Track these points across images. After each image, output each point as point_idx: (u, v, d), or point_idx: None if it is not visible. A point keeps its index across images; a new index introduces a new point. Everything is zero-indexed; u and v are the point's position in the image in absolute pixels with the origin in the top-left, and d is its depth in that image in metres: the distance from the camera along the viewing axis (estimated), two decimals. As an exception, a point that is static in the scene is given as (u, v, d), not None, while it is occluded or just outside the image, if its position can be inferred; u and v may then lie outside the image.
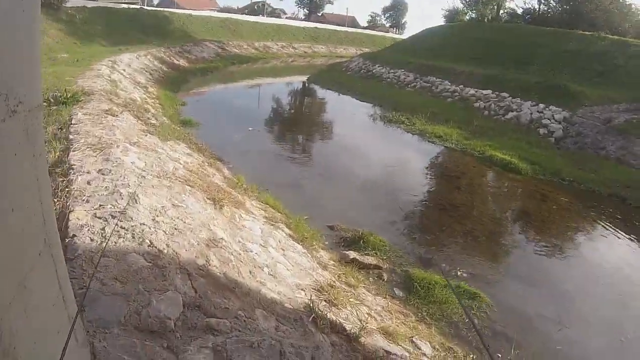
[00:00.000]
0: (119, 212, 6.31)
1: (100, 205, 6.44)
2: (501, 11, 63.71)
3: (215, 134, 20.69)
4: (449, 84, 34.62)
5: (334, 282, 8.35)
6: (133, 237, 5.80)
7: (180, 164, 10.80)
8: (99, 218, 6.09)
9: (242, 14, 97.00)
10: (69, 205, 6.43)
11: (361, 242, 11.65)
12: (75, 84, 17.37)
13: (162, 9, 71.66)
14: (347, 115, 30.97)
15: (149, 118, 15.97)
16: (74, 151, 8.82)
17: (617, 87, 28.25)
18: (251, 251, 7.49)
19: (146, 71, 33.19)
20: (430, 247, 12.60)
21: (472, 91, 32.12)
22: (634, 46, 33.99)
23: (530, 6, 61.05)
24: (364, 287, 9.34)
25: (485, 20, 59.58)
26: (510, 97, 29.19)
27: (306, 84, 46.16)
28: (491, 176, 20.06)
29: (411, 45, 51.75)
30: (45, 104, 13.35)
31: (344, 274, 9.39)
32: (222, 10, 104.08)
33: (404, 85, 38.71)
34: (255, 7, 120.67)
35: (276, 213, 11.76)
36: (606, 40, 36.47)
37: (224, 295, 5.54)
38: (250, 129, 23.32)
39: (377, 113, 30.34)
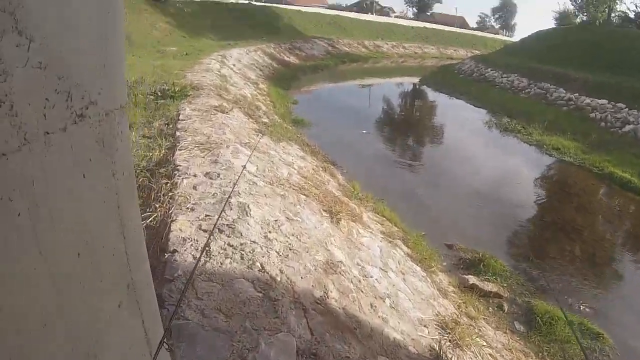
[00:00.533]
0: (227, 225, 5.57)
1: (206, 216, 5.73)
2: (612, 14, 60.24)
3: (327, 136, 19.95)
4: (564, 91, 32.48)
5: (457, 316, 7.35)
6: (242, 259, 5.02)
7: (294, 169, 10.04)
8: (205, 231, 5.38)
9: (351, 11, 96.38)
10: (172, 213, 5.77)
11: (481, 265, 10.62)
12: (183, 77, 17.10)
13: (271, 4, 72.01)
14: (461, 120, 29.44)
15: (260, 116, 15.38)
16: (180, 150, 8.22)
17: None
18: (371, 276, 6.59)
19: (256, 67, 33.04)
20: (552, 274, 11.34)
21: (587, 100, 29.90)
22: None
23: (641, 9, 56.98)
24: (484, 319, 8.39)
25: (597, 23, 56.38)
26: (627, 109, 26.84)
27: (418, 86, 44.87)
28: (611, 195, 18.30)
29: (522, 49, 49.35)
30: (152, 97, 13.00)
31: (464, 302, 8.47)
32: (330, 7, 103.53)
33: (517, 90, 36.85)
34: (364, 5, 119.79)
35: (393, 227, 10.85)
36: None
37: (344, 339, 4.68)
38: (363, 131, 22.48)
39: (492, 120, 28.59)
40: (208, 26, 45.96)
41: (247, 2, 64.30)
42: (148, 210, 6.01)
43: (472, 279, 9.85)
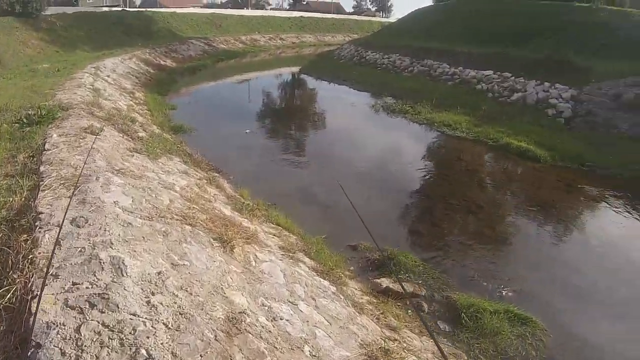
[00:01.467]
0: (99, 295, 4.37)
1: (73, 284, 4.50)
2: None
3: (210, 140, 18.88)
4: (448, 66, 32.64)
5: (382, 338, 6.49)
6: (122, 345, 3.83)
7: (176, 191, 8.80)
8: (73, 308, 4.17)
9: (226, 8, 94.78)
10: (33, 284, 4.53)
11: (391, 264, 9.87)
12: (53, 97, 15.32)
13: (145, 9, 69.50)
14: (347, 106, 28.70)
15: (136, 130, 13.92)
16: (43, 190, 6.84)
17: (623, 59, 26.08)
18: (281, 318, 5.53)
19: (132, 75, 31.13)
20: (466, 261, 10.76)
21: (472, 72, 30.08)
22: (636, 16, 31.94)
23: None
24: (406, 326, 7.67)
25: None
26: (513, 77, 27.12)
27: (299, 75, 44.28)
28: (511, 167, 18.14)
29: (402, 29, 49.55)
30: (17, 125, 11.39)
31: (382, 313, 7.71)
32: (206, 6, 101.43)
33: (400, 70, 36.83)
34: (240, 0, 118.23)
35: (291, 237, 9.92)
36: (605, 11, 34.30)
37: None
38: (247, 131, 21.39)
39: (378, 103, 28.10)
40: (82, 38, 43.74)
41: (120, 9, 61.61)
42: (5, 283, 4.77)
43: (384, 282, 9.16)
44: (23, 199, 6.84)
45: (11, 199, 6.83)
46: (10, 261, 5.16)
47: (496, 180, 16.85)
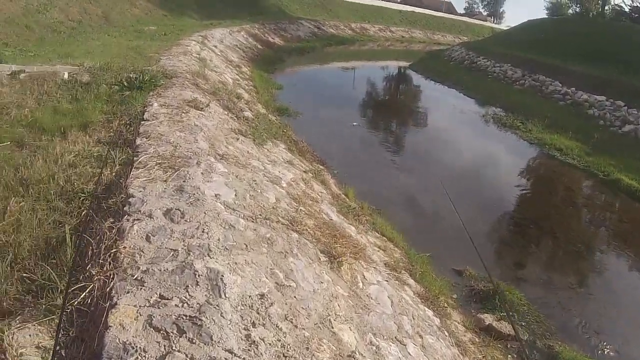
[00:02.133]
0: (190, 319, 3.55)
1: (161, 297, 3.73)
2: (606, 7, 58.37)
3: (314, 127, 18.18)
4: (560, 85, 30.59)
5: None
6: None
7: (283, 187, 7.95)
8: (158, 331, 3.40)
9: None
10: (112, 290, 3.78)
11: (496, 299, 8.93)
12: (157, 62, 14.86)
13: (256, -17, 69.35)
14: (457, 112, 27.35)
15: (242, 109, 13.27)
16: (137, 169, 6.16)
17: None
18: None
19: (239, 48, 30.95)
20: (572, 306, 9.71)
21: (584, 96, 28.03)
22: None
23: (637, 3, 54.96)
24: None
25: (590, 15, 54.66)
26: (626, 107, 24.99)
27: (407, 71, 42.90)
28: (621, 206, 16.39)
29: (514, 38, 47.26)
30: (116, 87, 10.88)
31: (484, 357, 6.96)
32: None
33: (511, 82, 34.93)
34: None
35: (395, 250, 9.07)
36: None
37: None
38: (354, 124, 20.52)
39: (488, 113, 26.53)
40: (191, 4, 43.88)
41: None
42: (81, 277, 4.05)
43: (487, 319, 8.37)
44: (114, 174, 6.19)
45: (101, 172, 6.19)
46: (90, 251, 4.46)
47: (607, 220, 15.33)
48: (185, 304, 3.69)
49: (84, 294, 3.85)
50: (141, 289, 3.79)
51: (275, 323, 3.93)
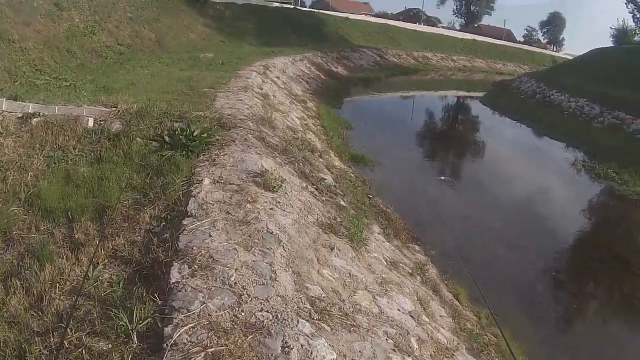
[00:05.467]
0: None
1: None
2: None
3: (398, 183, 14.98)
4: (643, 123, 26.84)
5: None
6: None
7: (415, 354, 4.56)
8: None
9: (398, 19, 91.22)
10: None
11: None
12: (212, 102, 11.63)
13: (316, 10, 67.59)
14: (546, 160, 23.59)
15: (319, 169, 10.01)
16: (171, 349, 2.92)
17: None
18: None
19: (303, 79, 28.20)
20: None
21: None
22: None
23: None
24: None
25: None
26: None
27: (481, 107, 39.52)
28: None
29: (582, 68, 43.69)
30: (154, 143, 7.77)
31: None
32: (377, 15, 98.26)
33: (589, 119, 31.08)
34: (411, 14, 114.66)
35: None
36: None
37: None
38: (442, 178, 17.03)
39: (578, 160, 22.63)
40: (250, 30, 41.99)
41: (292, 6, 60.31)
42: None
43: None
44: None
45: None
46: None
47: None
48: None
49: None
50: None
51: None
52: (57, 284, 4.53)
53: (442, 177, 17.24)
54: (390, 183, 14.39)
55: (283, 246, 4.98)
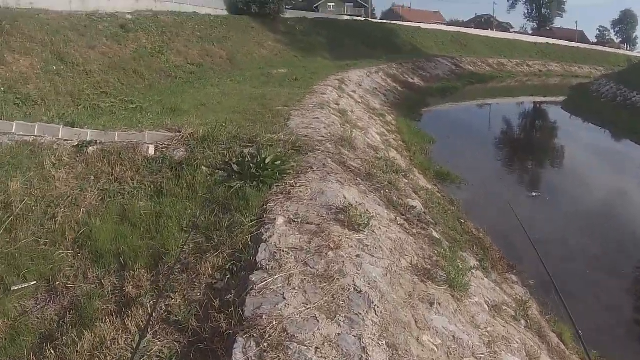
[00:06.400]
0: None
1: None
2: None
3: (487, 204, 13.66)
4: None
5: None
6: None
7: None
8: None
9: (469, 27, 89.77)
10: None
11: None
12: (287, 122, 10.70)
13: (388, 21, 67.25)
14: (636, 168, 21.59)
15: (406, 195, 8.91)
16: None
17: None
18: None
19: (379, 92, 27.40)
20: None
21: None
22: None
23: None
24: None
25: None
26: None
27: (564, 113, 37.51)
28: None
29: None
30: (222, 174, 6.89)
31: None
32: (449, 23, 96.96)
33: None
34: (482, 20, 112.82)
35: None
36: None
37: None
38: (533, 194, 15.67)
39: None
40: (323, 45, 41.81)
41: (363, 19, 60.40)
42: None
43: None
44: None
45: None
46: None
47: None
48: None
49: None
50: None
51: None
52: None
53: (534, 193, 15.85)
54: (479, 202, 13.24)
55: (374, 309, 3.91)
